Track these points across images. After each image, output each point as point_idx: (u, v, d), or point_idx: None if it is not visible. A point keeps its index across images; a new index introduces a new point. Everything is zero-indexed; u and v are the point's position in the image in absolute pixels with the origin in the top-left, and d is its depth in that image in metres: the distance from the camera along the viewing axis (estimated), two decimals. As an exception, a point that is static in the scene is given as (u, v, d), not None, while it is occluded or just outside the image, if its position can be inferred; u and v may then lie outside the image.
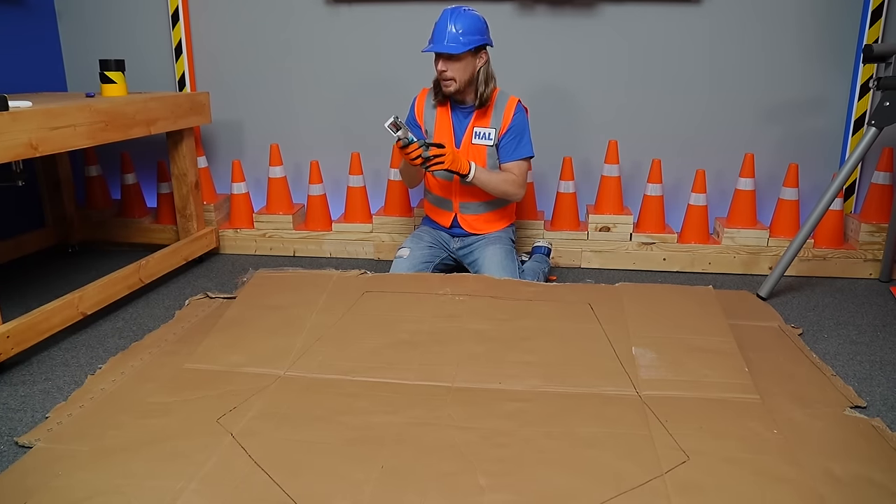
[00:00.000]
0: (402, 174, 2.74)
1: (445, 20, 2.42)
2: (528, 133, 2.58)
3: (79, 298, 2.30)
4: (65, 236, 3.27)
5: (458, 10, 2.43)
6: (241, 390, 1.88)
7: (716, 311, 2.25)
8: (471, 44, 2.41)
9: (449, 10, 2.44)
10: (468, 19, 2.42)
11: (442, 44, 2.41)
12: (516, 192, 2.58)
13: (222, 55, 3.36)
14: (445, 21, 2.42)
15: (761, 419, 1.75)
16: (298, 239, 3.24)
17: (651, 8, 3.04)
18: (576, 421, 1.75)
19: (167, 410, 1.78)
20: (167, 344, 2.24)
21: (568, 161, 3.08)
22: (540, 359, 2.02)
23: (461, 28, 2.40)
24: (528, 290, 2.36)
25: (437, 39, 2.44)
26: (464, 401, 1.84)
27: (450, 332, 2.14)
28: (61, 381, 2.02)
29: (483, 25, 2.47)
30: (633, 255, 3.06)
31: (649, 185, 3.05)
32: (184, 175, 2.97)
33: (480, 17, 2.47)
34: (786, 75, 3.05)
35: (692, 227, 3.04)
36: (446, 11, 2.44)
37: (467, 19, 2.42)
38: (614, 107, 3.18)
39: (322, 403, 1.82)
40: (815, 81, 3.04)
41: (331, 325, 2.18)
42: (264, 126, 3.42)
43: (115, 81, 2.76)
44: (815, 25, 2.98)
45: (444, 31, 2.42)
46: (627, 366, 1.99)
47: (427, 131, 2.64)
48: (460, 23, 2.40)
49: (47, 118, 2.10)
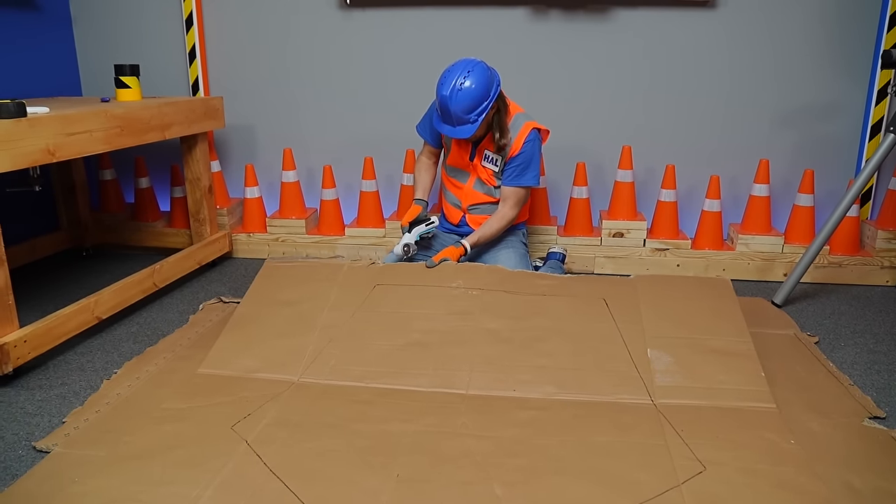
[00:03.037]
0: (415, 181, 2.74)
1: (447, 105, 2.34)
2: (535, 163, 2.54)
3: (94, 303, 2.31)
4: (79, 240, 3.29)
5: (455, 93, 2.31)
6: (255, 397, 1.88)
7: (732, 305, 2.19)
8: (481, 116, 2.37)
9: (447, 94, 2.32)
10: (469, 97, 2.32)
11: (453, 128, 2.40)
12: (512, 220, 2.60)
13: (236, 59, 3.36)
14: (447, 106, 2.34)
15: (778, 429, 1.74)
16: (311, 243, 3.25)
17: (665, 13, 3.02)
18: (591, 430, 1.74)
19: (182, 416, 1.79)
20: (181, 349, 2.25)
21: (581, 166, 3.07)
22: (554, 363, 2.00)
23: (466, 107, 2.33)
24: (542, 284, 2.29)
25: (445, 120, 2.41)
26: (478, 409, 1.84)
27: (463, 332, 2.11)
28: (77, 386, 2.03)
29: (486, 86, 2.35)
30: (647, 260, 3.04)
31: (663, 190, 3.03)
32: (197, 179, 2.98)
33: (482, 78, 2.34)
34: (801, 80, 3.03)
35: (706, 233, 3.03)
36: (444, 97, 2.33)
37: (468, 98, 2.32)
38: (628, 112, 3.17)
39: (336, 411, 1.82)
40: (830, 87, 3.02)
41: (342, 324, 2.15)
42: (277, 130, 3.42)
43: (130, 86, 2.78)
44: (831, 30, 2.96)
45: (450, 114, 2.36)
46: (643, 371, 1.98)
47: (446, 144, 2.65)
48: (463, 104, 2.32)
49: (64, 124, 2.11)
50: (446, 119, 2.40)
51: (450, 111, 2.35)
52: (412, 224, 2.57)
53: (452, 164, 2.66)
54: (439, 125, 2.45)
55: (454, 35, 3.16)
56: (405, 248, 2.48)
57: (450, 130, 2.41)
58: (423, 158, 2.76)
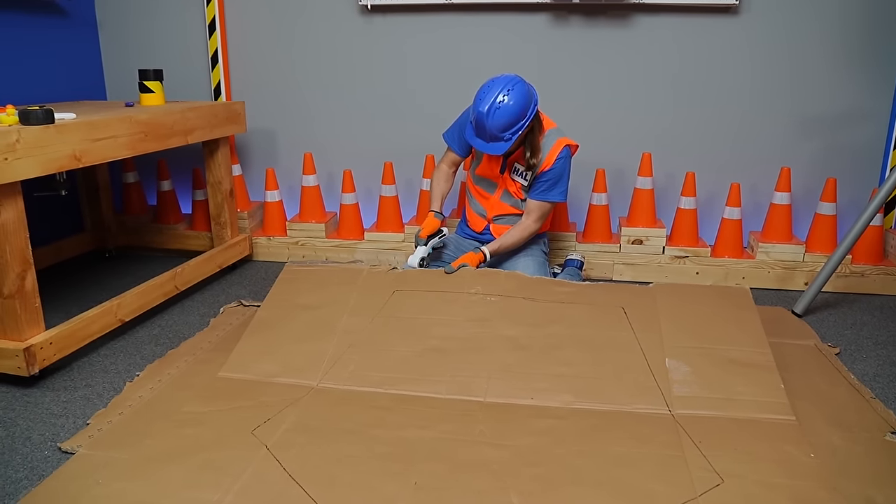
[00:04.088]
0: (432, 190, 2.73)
1: (483, 122, 2.32)
2: (565, 179, 2.55)
3: (117, 305, 2.35)
4: (102, 241, 3.33)
5: (494, 110, 2.29)
6: (275, 402, 1.90)
7: (752, 316, 2.17)
8: (516, 135, 2.35)
9: (485, 110, 2.30)
10: (507, 115, 2.31)
11: (486, 144, 2.39)
12: (534, 232, 2.61)
13: (257, 64, 3.39)
14: (483, 122, 2.32)
15: (798, 442, 1.72)
16: (331, 247, 3.27)
17: (687, 19, 3.01)
18: (608, 440, 1.74)
19: (202, 420, 1.81)
20: (202, 352, 2.27)
21: (601, 173, 3.07)
22: (572, 371, 2.00)
23: (502, 126, 2.32)
24: (561, 291, 2.29)
25: (479, 135, 2.40)
26: (496, 417, 1.84)
27: (481, 338, 2.12)
28: (101, 388, 2.06)
29: (525, 106, 2.33)
30: (666, 268, 3.03)
31: (683, 198, 3.02)
32: (219, 183, 3.02)
33: (522, 97, 2.32)
34: (824, 87, 3.00)
35: (726, 241, 3.01)
36: (481, 113, 2.31)
37: (505, 116, 2.30)
38: (648, 119, 3.16)
39: (354, 416, 1.84)
40: (854, 94, 2.99)
41: (361, 330, 2.16)
42: (298, 135, 3.44)
43: (154, 91, 2.82)
44: (856, 37, 2.93)
45: (484, 130, 2.35)
46: (661, 381, 1.97)
47: (476, 154, 2.66)
48: (499, 122, 2.31)
49: (90, 130, 2.15)
50: (480, 134, 2.39)
51: (485, 127, 2.34)
52: (429, 237, 2.56)
53: (481, 175, 2.67)
54: (472, 138, 2.44)
55: (475, 41, 3.16)
56: (422, 261, 2.48)
57: (482, 146, 2.41)
58: (443, 167, 2.73)
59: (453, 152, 2.69)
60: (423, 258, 2.49)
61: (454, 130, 2.67)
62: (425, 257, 2.50)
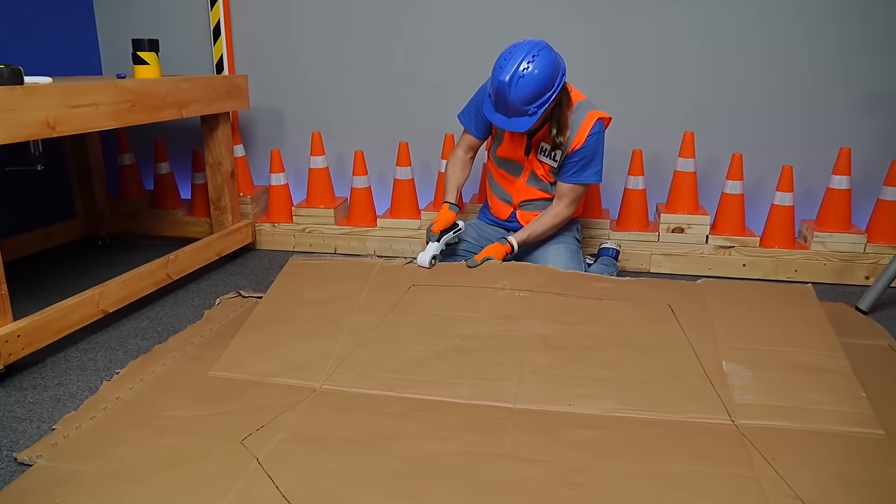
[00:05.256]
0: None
1: (504, 93, 2.04)
2: (598, 158, 2.27)
3: (99, 295, 2.11)
4: (95, 228, 3.12)
5: (517, 79, 2.01)
6: (271, 405, 1.65)
7: (819, 316, 1.94)
8: (542, 108, 2.08)
9: (506, 79, 2.02)
10: (531, 86, 2.02)
11: (507, 119, 2.11)
12: (567, 218, 2.35)
13: (262, 38, 3.16)
14: (505, 94, 2.05)
15: (893, 461, 1.44)
16: (340, 235, 3.04)
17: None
18: (662, 455, 1.47)
19: (186, 427, 1.57)
20: (193, 348, 2.03)
21: (637, 154, 2.79)
22: (615, 374, 1.75)
23: (526, 97, 2.04)
24: (598, 287, 2.07)
25: (499, 109, 2.12)
26: (528, 426, 1.58)
27: (509, 337, 1.88)
28: (74, 387, 1.81)
29: (551, 75, 2.05)
30: (709, 259, 2.75)
31: (728, 181, 2.73)
32: (219, 164, 2.78)
33: (548, 65, 2.03)
34: (890, 60, 2.69)
35: (776, 230, 2.72)
36: (502, 83, 2.03)
37: (530, 86, 2.02)
38: (690, 94, 2.87)
39: (362, 424, 1.58)
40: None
41: (373, 327, 1.94)
42: (306, 113, 3.22)
43: (149, 63, 2.60)
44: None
45: (506, 103, 2.07)
46: (718, 386, 1.70)
47: (497, 133, 2.38)
48: (523, 93, 2.03)
49: (66, 95, 1.90)
50: (500, 108, 2.11)
51: (507, 100, 2.05)
52: (442, 232, 2.29)
53: (504, 156, 2.39)
54: (491, 114, 2.15)
55: (498, 7, 2.90)
56: (433, 259, 2.20)
57: (503, 121, 2.12)
58: (459, 153, 2.44)
59: (470, 134, 2.41)
60: (435, 255, 2.22)
61: (470, 109, 2.39)
62: (437, 255, 2.23)
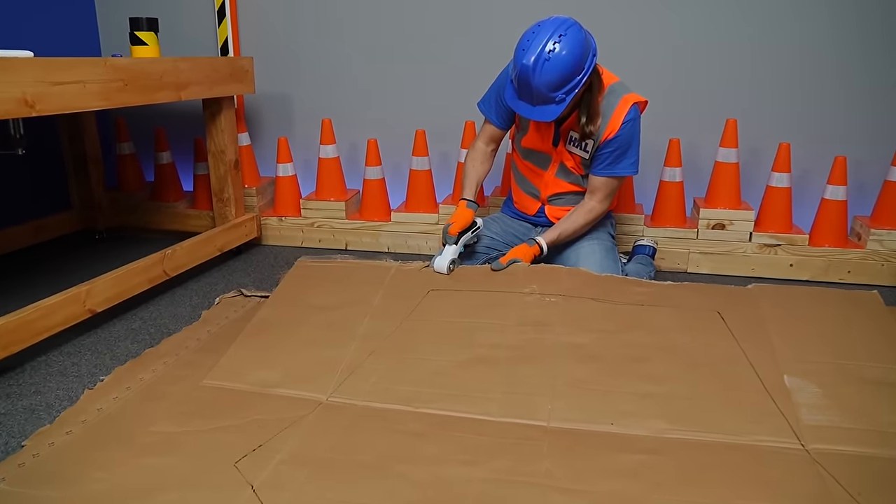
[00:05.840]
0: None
1: (528, 78, 1.82)
2: (635, 147, 2.04)
3: (86, 292, 1.91)
4: (91, 221, 2.95)
5: (542, 62, 1.78)
6: (270, 420, 1.45)
7: (889, 326, 1.73)
8: (570, 94, 1.85)
9: (530, 63, 1.79)
10: (559, 69, 1.79)
11: (531, 107, 1.88)
12: (601, 214, 2.14)
13: (270, 19, 2.99)
14: (528, 79, 1.82)
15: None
16: (352, 230, 2.85)
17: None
18: (728, 487, 1.26)
19: (173, 446, 1.37)
20: (187, 352, 1.83)
21: (675, 144, 2.57)
22: (663, 389, 1.54)
23: (553, 82, 1.81)
24: (638, 292, 1.88)
25: (523, 96, 1.89)
26: (566, 448, 1.37)
27: (540, 346, 1.68)
28: (53, 396, 1.62)
29: (581, 56, 1.82)
30: (753, 258, 2.52)
31: (774, 174, 2.51)
32: (221, 152, 2.59)
33: (577, 44, 1.80)
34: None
35: (827, 227, 2.49)
36: (525, 66, 1.80)
37: (557, 69, 1.79)
38: (732, 78, 2.65)
39: (374, 444, 1.38)
40: None
41: (388, 335, 1.75)
42: (316, 99, 3.05)
43: (147, 43, 2.44)
44: None
45: (530, 89, 1.84)
46: (782, 403, 1.49)
47: (520, 122, 2.16)
48: (549, 77, 1.80)
49: (47, 70, 1.71)
50: (524, 95, 1.88)
51: (531, 85, 1.82)
52: (460, 233, 2.07)
53: (530, 147, 2.17)
54: (514, 102, 1.93)
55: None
56: (451, 264, 1.99)
57: (527, 110, 1.90)
58: (479, 145, 2.22)
59: (491, 124, 2.18)
60: (454, 260, 2.00)
61: (491, 96, 2.16)
62: (455, 259, 2.01)
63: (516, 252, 2.03)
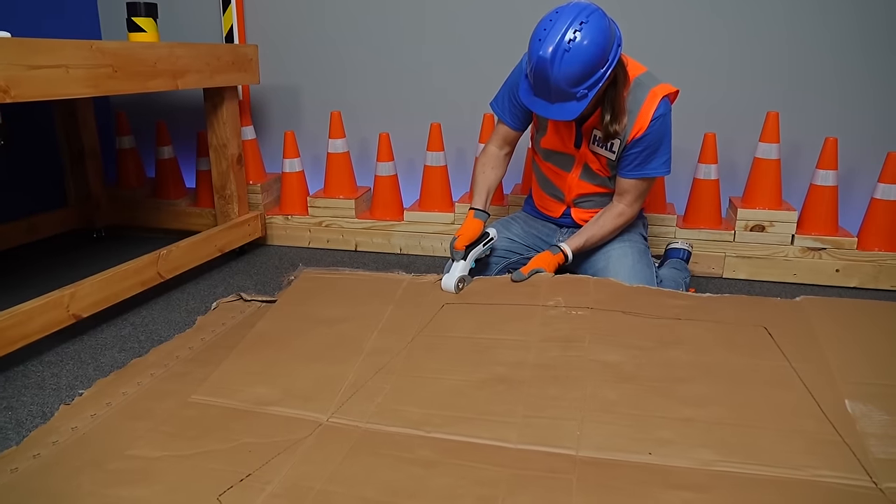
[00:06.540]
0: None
1: (545, 72, 1.63)
2: (667, 146, 1.86)
3: (70, 296, 1.77)
4: (89, 219, 2.84)
5: (561, 53, 1.60)
6: (262, 445, 1.28)
7: None
8: (593, 90, 1.67)
9: (548, 54, 1.60)
10: (580, 61, 1.61)
11: (549, 105, 1.70)
12: (631, 218, 1.97)
13: (277, 5, 2.89)
14: (546, 73, 1.63)
15: None
16: (362, 230, 2.72)
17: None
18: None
19: (151, 474, 1.21)
20: (177, 363, 1.67)
21: (710, 139, 2.40)
22: (705, 414, 1.36)
23: (573, 76, 1.63)
24: (675, 305, 1.72)
25: (539, 93, 1.70)
26: (597, 481, 1.19)
27: (566, 365, 1.51)
28: (25, 412, 1.48)
29: (604, 46, 1.63)
30: (795, 263, 2.34)
31: (819, 171, 2.33)
32: (223, 146, 2.45)
33: (600, 33, 1.61)
34: None
35: (877, 229, 2.31)
36: (541, 59, 1.61)
37: (579, 61, 1.61)
38: (773, 69, 2.48)
39: (378, 475, 1.21)
40: None
41: (397, 351, 1.60)
42: (325, 91, 2.96)
43: (145, 30, 2.33)
44: None
45: (547, 84, 1.66)
46: (845, 432, 1.30)
47: (538, 121, 1.98)
48: (569, 70, 1.62)
49: (24, 53, 1.56)
50: (541, 91, 1.69)
51: (549, 80, 1.63)
52: (469, 247, 1.89)
53: (550, 147, 1.99)
54: (529, 99, 1.74)
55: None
56: (460, 282, 1.82)
57: (544, 108, 1.71)
58: (491, 148, 2.03)
59: (505, 125, 2.00)
60: (462, 278, 1.82)
61: (504, 94, 1.98)
62: (465, 276, 1.84)
63: (538, 261, 1.86)
